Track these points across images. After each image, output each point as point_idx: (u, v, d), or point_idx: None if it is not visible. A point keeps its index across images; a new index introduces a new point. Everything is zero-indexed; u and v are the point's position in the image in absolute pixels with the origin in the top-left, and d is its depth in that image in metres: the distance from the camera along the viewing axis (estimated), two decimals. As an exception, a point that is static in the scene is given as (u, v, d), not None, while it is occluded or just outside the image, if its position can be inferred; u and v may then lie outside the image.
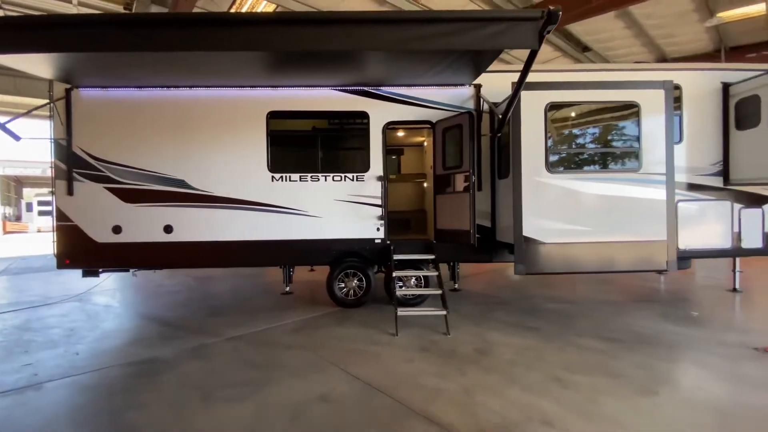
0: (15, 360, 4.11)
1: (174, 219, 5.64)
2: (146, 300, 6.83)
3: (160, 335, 4.84)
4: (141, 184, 5.64)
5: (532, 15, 3.40)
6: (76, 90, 5.59)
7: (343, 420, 2.85)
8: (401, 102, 5.73)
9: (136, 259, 5.73)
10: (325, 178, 5.70)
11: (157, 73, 5.32)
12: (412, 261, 5.61)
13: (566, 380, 3.40)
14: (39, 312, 6.10)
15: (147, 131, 5.63)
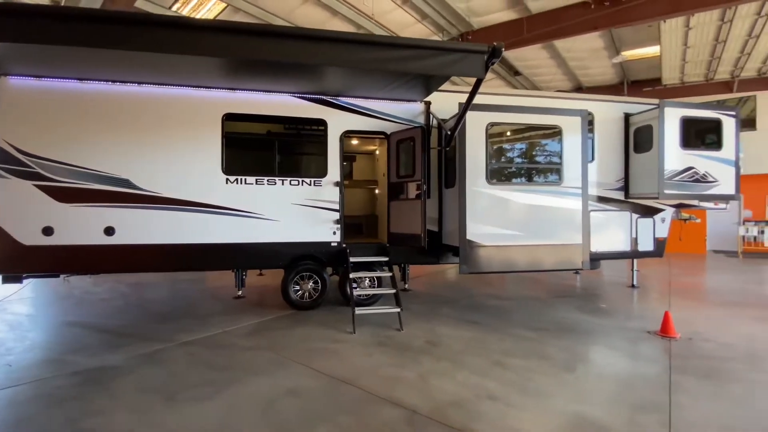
0: (-72, 376, 3.67)
1: (117, 220, 5.34)
2: (75, 308, 6.30)
3: (102, 343, 4.58)
4: (78, 182, 5.26)
5: (481, 48, 3.95)
6: (4, 78, 5.09)
7: (314, 409, 3.06)
8: (358, 113, 6.05)
9: (70, 263, 5.31)
10: (282, 182, 5.80)
11: (102, 66, 5.04)
12: (367, 263, 5.91)
13: (506, 363, 3.94)
14: (-58, 325, 5.37)
15: (88, 127, 5.29)
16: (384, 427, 2.80)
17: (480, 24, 10.62)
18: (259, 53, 4.15)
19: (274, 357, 4.12)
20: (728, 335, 4.84)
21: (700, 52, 11.09)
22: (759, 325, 5.33)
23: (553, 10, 9.54)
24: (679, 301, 6.66)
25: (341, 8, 9.55)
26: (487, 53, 3.94)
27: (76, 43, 3.88)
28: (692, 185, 6.63)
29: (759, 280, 8.85)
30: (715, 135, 6.82)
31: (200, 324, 5.28)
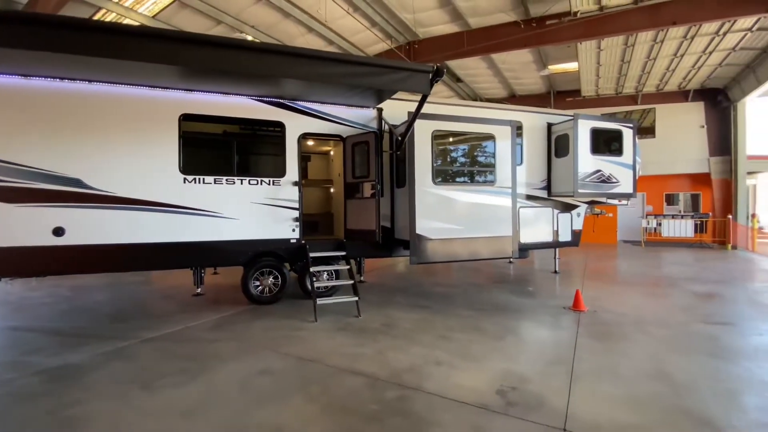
0: None
1: (66, 220, 5.24)
2: (15, 313, 5.99)
3: (58, 344, 4.55)
4: (23, 182, 5.08)
5: (426, 68, 4.57)
6: (-69, 71, 4.78)
7: (286, 383, 3.48)
8: (315, 116, 6.44)
9: (16, 266, 5.12)
10: (241, 181, 6.02)
11: (48, 63, 4.92)
12: (326, 258, 6.34)
13: (449, 337, 4.63)
14: None
15: (34, 125, 5.12)
16: (349, 392, 3.30)
17: (425, 34, 11.42)
18: (218, 64, 4.42)
19: (241, 346, 4.43)
20: (624, 307, 5.99)
21: (610, 69, 12.87)
22: (648, 298, 6.61)
23: (489, 27, 10.59)
24: (590, 283, 7.91)
25: (293, 11, 9.78)
26: (431, 72, 4.57)
27: (23, 47, 3.89)
28: (600, 185, 7.90)
29: (654, 264, 10.61)
30: (617, 143, 8.17)
31: (160, 322, 5.37)
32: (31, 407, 3.10)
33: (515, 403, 3.09)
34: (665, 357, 4.04)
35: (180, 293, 7.12)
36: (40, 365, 3.92)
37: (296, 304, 6.26)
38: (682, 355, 4.10)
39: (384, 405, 3.08)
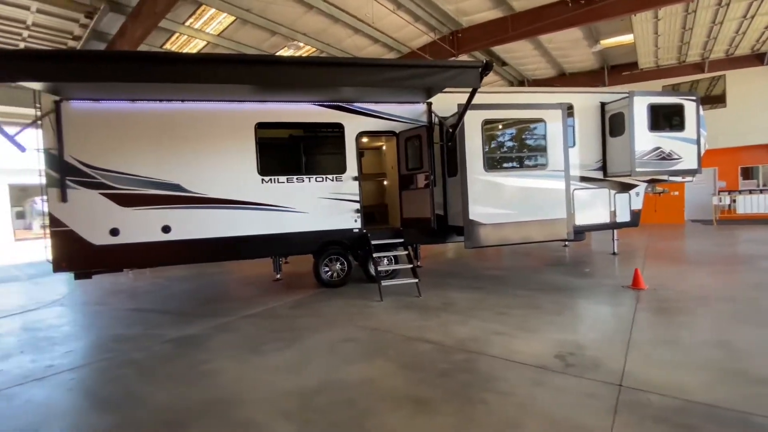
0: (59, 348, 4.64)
1: (171, 219, 6.26)
2: (130, 299, 7.21)
3: (173, 321, 5.54)
4: (137, 189, 6.16)
5: (476, 65, 4.91)
6: (66, 102, 5.92)
7: (368, 347, 4.09)
8: (370, 115, 6.99)
9: (135, 259, 6.24)
10: (308, 179, 6.75)
11: (149, 88, 5.89)
12: (385, 244, 6.92)
13: (507, 313, 5.00)
14: (35, 315, 6.29)
15: (142, 140, 6.16)
16: (421, 355, 3.83)
17: (469, 23, 11.51)
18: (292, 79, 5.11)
19: (322, 320, 5.13)
20: (685, 285, 5.95)
21: (670, 38, 12.10)
22: (715, 276, 6.46)
23: (534, 9, 10.46)
24: (651, 263, 7.78)
25: (342, 15, 10.37)
26: (481, 67, 4.90)
27: (122, 80, 4.81)
28: (660, 163, 7.71)
29: (725, 243, 10.02)
30: (678, 118, 7.88)
31: (250, 303, 6.27)
32: (174, 364, 3.98)
33: (573, 365, 3.44)
34: (728, 328, 4.12)
35: (259, 280, 8.09)
36: (166, 336, 4.88)
37: (360, 286, 6.92)
38: (747, 326, 4.15)
39: (453, 364, 3.57)
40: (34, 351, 4.66)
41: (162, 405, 3.15)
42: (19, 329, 5.66)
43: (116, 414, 3.04)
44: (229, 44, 10.83)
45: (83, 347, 4.68)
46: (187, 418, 2.92)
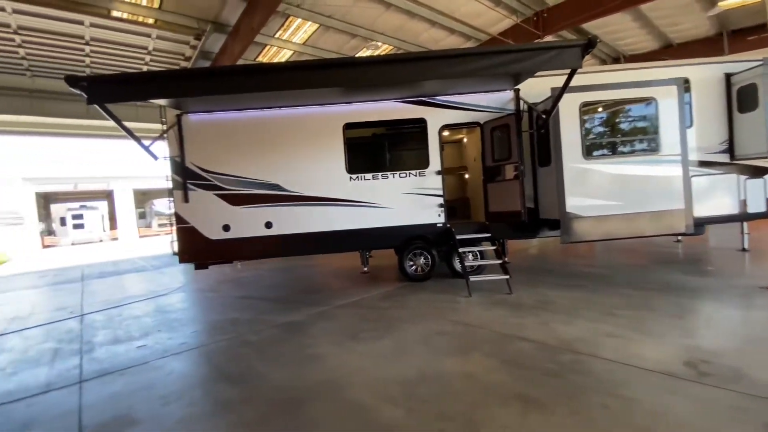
0: (183, 330, 5.39)
1: (273, 216, 6.86)
2: (238, 287, 8.07)
3: (278, 308, 6.07)
4: (244, 189, 6.85)
5: (577, 43, 4.52)
6: (185, 115, 6.80)
7: (463, 342, 4.04)
8: (452, 108, 6.87)
9: (243, 252, 6.96)
10: (393, 175, 6.87)
11: (254, 100, 6.50)
12: (470, 239, 6.77)
13: (616, 314, 4.55)
14: (163, 299, 7.40)
15: (247, 146, 6.84)
16: (522, 353, 3.67)
17: (556, 0, 10.67)
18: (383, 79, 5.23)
19: (412, 312, 5.20)
20: None
21: (819, -12, 9.87)
22: None
23: (635, -25, 9.31)
24: (799, 261, 6.47)
25: (419, 9, 10.34)
26: (583, 45, 4.50)
27: (231, 91, 5.32)
28: (808, 140, 6.35)
29: None
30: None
31: (341, 293, 6.60)
32: (283, 347, 4.36)
33: (709, 374, 3.01)
34: None
35: (347, 273, 8.49)
36: (274, 321, 5.36)
37: (444, 282, 6.86)
38: None
39: (560, 365, 3.36)
40: (169, 330, 5.46)
41: (279, 382, 3.47)
42: (153, 311, 6.69)
43: (243, 387, 3.42)
44: (313, 51, 11.48)
45: (207, 328, 5.37)
46: (303, 396, 3.18)
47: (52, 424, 3.06)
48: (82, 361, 4.41)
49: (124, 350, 4.71)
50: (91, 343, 5.09)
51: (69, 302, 8.02)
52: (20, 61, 9.66)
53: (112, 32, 8.93)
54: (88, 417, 3.13)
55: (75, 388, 3.71)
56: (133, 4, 8.42)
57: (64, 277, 12.34)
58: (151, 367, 4.11)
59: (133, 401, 3.34)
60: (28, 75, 10.43)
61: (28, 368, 4.34)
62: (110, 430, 2.91)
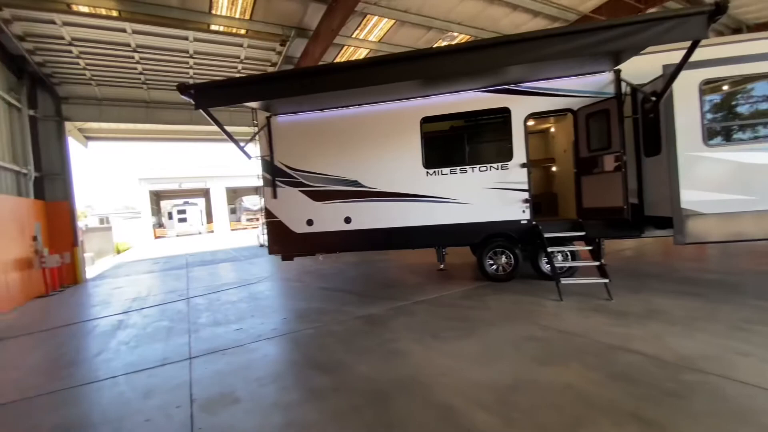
0: (274, 317, 5.76)
1: (351, 212, 7.02)
2: (318, 279, 8.44)
3: (357, 301, 6.19)
4: (326, 186, 7.11)
5: (701, 9, 3.84)
6: (274, 117, 7.25)
7: (559, 350, 3.70)
8: (540, 94, 6.36)
9: (324, 245, 7.25)
10: (472, 169, 6.59)
11: (335, 98, 6.68)
12: (559, 238, 6.22)
13: (749, 330, 3.81)
14: (255, 287, 8.04)
15: (327, 144, 7.08)
16: (632, 367, 3.23)
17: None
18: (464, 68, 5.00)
19: (497, 314, 4.92)
20: None
21: None
22: None
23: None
24: None
25: (499, -6, 9.78)
26: (709, 12, 3.80)
27: (316, 90, 5.43)
28: None
29: None
30: None
31: (418, 289, 6.53)
32: (366, 339, 4.41)
33: None
34: None
35: (421, 269, 8.41)
36: (355, 313, 5.47)
37: (529, 283, 6.41)
38: None
39: (683, 385, 2.89)
40: (261, 316, 5.88)
41: (365, 375, 3.50)
42: (246, 297, 7.27)
43: (331, 376, 3.51)
44: (388, 48, 11.50)
45: (294, 316, 5.66)
46: (389, 391, 3.15)
47: (169, 394, 3.44)
48: (190, 340, 4.94)
49: (223, 332, 5.17)
50: (196, 323, 5.69)
51: (177, 286, 9.11)
52: (138, 76, 11.17)
53: (210, 45, 9.89)
54: (197, 390, 3.46)
55: (186, 363, 4.15)
56: (228, 18, 9.21)
57: (171, 264, 14.12)
58: (247, 349, 4.44)
59: (234, 380, 3.62)
60: (144, 88, 12.03)
61: (148, 343, 4.98)
62: (216, 404, 3.18)
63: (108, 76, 11.09)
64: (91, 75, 10.79)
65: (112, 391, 3.59)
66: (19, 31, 8.34)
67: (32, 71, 9.97)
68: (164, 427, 2.89)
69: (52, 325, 6.35)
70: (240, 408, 3.10)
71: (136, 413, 3.13)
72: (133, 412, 3.16)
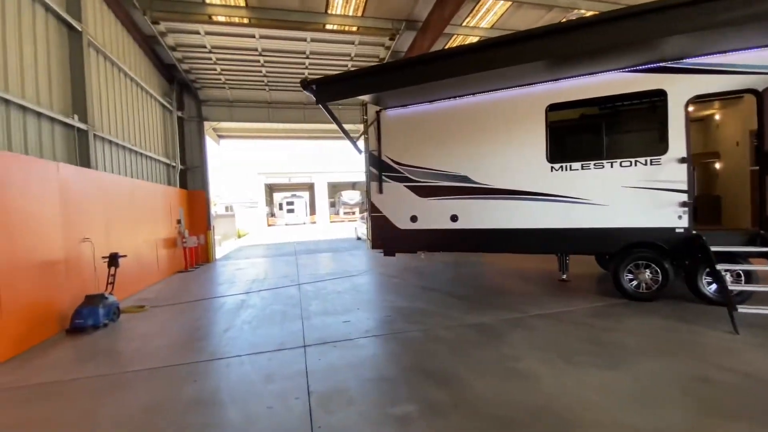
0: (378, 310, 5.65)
1: (459, 209, 6.58)
2: (418, 277, 8.17)
3: (464, 306, 5.72)
4: (431, 181, 6.79)
5: None
6: (384, 111, 7.16)
7: (748, 400, 2.78)
8: (710, 72, 5.06)
9: (428, 243, 6.95)
10: (611, 164, 5.58)
11: (449, 88, 6.28)
12: (731, 253, 4.90)
13: None
14: (357, 279, 8.16)
15: (435, 137, 6.73)
16: None
17: None
18: (623, 39, 4.19)
19: (645, 342, 4.01)
20: None
21: None
22: None
23: None
24: None
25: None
26: None
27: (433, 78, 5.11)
28: None
29: None
30: None
31: (536, 301, 5.80)
32: (482, 352, 3.96)
33: None
34: None
35: (530, 275, 7.57)
36: (463, 320, 5.05)
37: (680, 304, 5.21)
38: None
39: None
40: (366, 309, 5.84)
41: (485, 394, 3.08)
42: (350, 288, 7.37)
43: (448, 390, 3.17)
44: (501, 34, 10.65)
45: (399, 315, 5.45)
46: (520, 419, 2.69)
47: (287, 382, 3.49)
48: (303, 327, 5.09)
49: (332, 322, 5.23)
50: (307, 311, 5.90)
51: (288, 272, 9.78)
52: (262, 78, 12.30)
53: (324, 44, 10.33)
54: (313, 382, 3.44)
55: (300, 351, 4.23)
56: (342, 16, 9.48)
57: (282, 250, 15.39)
58: (357, 344, 4.36)
59: (347, 377, 3.52)
60: (266, 89, 13.23)
61: (266, 325, 5.27)
62: (332, 401, 3.09)
63: (238, 80, 12.43)
64: (225, 79, 12.22)
65: (239, 371, 3.79)
66: (171, 43, 9.74)
67: (180, 78, 11.67)
68: (285, 418, 2.89)
69: (190, 297, 7.27)
70: (355, 410, 2.95)
71: (258, 397, 3.22)
72: (256, 396, 3.25)
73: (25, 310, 4.70)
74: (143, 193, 8.74)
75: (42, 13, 5.91)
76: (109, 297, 5.65)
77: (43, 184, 5.18)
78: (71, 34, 6.57)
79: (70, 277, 5.58)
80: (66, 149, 6.35)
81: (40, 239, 5.04)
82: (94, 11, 7.29)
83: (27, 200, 4.84)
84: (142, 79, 9.42)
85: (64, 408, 3.22)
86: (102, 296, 5.53)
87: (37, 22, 5.78)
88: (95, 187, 6.58)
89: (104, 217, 6.76)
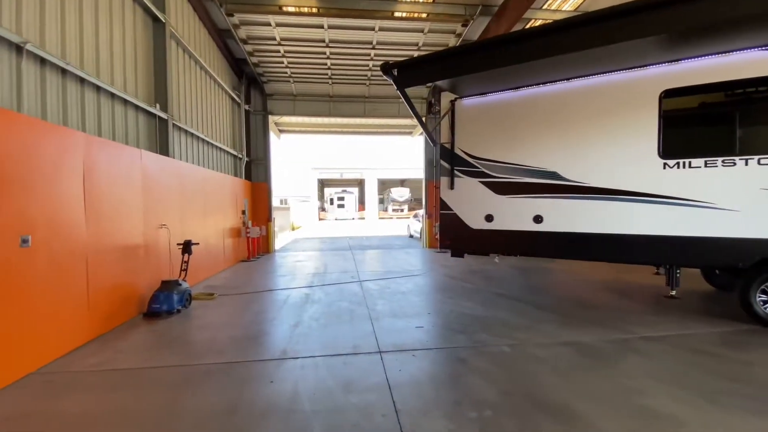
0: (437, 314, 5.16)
1: (544, 209, 5.87)
2: (488, 282, 7.52)
3: (554, 320, 5.01)
4: (512, 177, 6.13)
5: None
6: (459, 100, 6.61)
7: None
8: None
9: (504, 245, 6.32)
10: (745, 161, 4.60)
11: (538, 72, 5.59)
12: None
13: None
14: (418, 279, 7.71)
15: (518, 128, 6.07)
16: None
17: None
18: None
19: (813, 386, 3.15)
20: None
21: None
22: None
23: None
24: None
25: None
26: None
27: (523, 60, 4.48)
28: None
29: None
30: None
31: (641, 320, 4.97)
32: (591, 380, 3.32)
33: None
34: None
35: (628, 289, 6.65)
36: (558, 337, 4.38)
37: (844, 340, 4.15)
38: None
39: None
40: (437, 315, 5.40)
41: (618, 440, 2.48)
42: (414, 289, 6.95)
43: (567, 428, 2.62)
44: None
45: (478, 326, 4.87)
46: (683, 487, 2.08)
47: (370, 394, 3.12)
48: (374, 329, 4.73)
49: (404, 326, 4.83)
50: (375, 311, 5.55)
51: (347, 267, 9.57)
52: (326, 71, 12.20)
53: (392, 33, 9.94)
54: (399, 398, 3.04)
55: (376, 357, 3.87)
56: (411, 2, 9.02)
57: (336, 245, 15.37)
58: (438, 356, 3.93)
59: (435, 397, 3.08)
60: (329, 83, 13.13)
61: (335, 324, 4.99)
62: (425, 427, 2.66)
63: (303, 73, 12.44)
64: (290, 72, 12.28)
65: (315, 375, 3.50)
66: (243, 35, 9.87)
67: (248, 72, 11.88)
68: (375, 441, 2.51)
69: (256, 288, 7.25)
70: (455, 442, 2.50)
71: (340, 411, 2.87)
72: (338, 408, 2.91)
73: (110, 292, 4.80)
74: (214, 183, 8.94)
75: (130, 4, 6.08)
76: (183, 283, 5.69)
77: (128, 170, 5.29)
78: (155, 25, 6.74)
79: (149, 262, 5.69)
80: (147, 137, 6.53)
81: (124, 223, 5.15)
82: (175, 4, 7.47)
83: (114, 185, 4.94)
84: (215, 72, 9.64)
85: (143, 399, 3.10)
86: (176, 282, 5.58)
87: (126, 12, 5.94)
88: (173, 175, 6.73)
89: (179, 205, 6.90)
